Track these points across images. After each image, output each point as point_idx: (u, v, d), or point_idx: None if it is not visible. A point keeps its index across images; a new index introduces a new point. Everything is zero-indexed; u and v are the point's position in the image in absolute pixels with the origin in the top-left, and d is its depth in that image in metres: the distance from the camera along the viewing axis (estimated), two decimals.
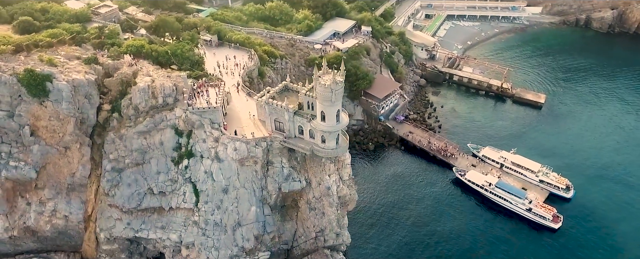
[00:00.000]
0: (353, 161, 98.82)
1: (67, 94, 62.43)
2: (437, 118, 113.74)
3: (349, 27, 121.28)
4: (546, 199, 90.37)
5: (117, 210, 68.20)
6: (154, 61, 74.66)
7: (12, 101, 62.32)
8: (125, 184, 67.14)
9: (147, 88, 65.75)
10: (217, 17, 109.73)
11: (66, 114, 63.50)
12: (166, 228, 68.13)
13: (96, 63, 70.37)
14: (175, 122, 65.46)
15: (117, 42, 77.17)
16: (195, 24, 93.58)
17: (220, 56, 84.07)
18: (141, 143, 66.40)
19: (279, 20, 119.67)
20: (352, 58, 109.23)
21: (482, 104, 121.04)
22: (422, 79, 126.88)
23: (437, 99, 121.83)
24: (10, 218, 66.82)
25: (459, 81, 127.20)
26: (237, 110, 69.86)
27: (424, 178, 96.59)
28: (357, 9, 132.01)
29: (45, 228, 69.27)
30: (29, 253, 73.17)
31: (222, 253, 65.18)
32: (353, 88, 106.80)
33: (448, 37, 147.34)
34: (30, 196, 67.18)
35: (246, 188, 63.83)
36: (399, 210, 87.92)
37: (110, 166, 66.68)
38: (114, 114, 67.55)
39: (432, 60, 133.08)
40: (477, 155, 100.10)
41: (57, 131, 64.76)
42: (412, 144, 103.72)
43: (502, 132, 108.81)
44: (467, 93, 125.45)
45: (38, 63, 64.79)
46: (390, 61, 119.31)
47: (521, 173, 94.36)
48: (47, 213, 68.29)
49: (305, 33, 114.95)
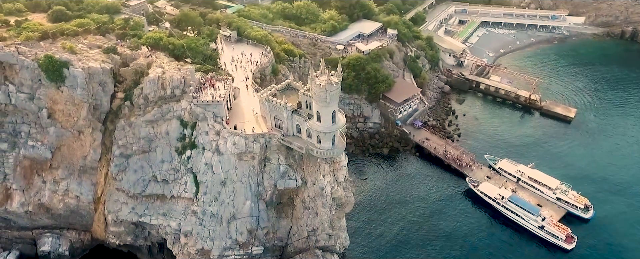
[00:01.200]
0: (365, 164, 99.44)
1: (81, 81, 65.89)
2: (457, 127, 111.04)
3: (374, 29, 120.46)
4: (562, 218, 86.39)
5: (124, 194, 71.20)
6: (170, 54, 77.31)
7: (33, 84, 66.47)
8: (131, 170, 70.00)
9: (157, 79, 68.28)
10: (244, 13, 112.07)
11: (80, 100, 67.06)
12: (167, 215, 70.44)
13: (115, 53, 73.74)
14: (181, 113, 67.58)
15: (139, 33, 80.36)
16: (217, 20, 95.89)
17: (237, 52, 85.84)
18: (148, 132, 69.02)
19: (305, 19, 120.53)
20: (373, 60, 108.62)
21: (507, 115, 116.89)
22: (446, 86, 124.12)
23: (460, 107, 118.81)
24: (27, 194, 71.18)
25: (485, 90, 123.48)
26: (243, 106, 71.15)
27: (436, 187, 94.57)
28: (386, 11, 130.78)
29: (58, 206, 73.36)
30: (44, 228, 77.78)
31: (217, 243, 66.71)
32: (372, 91, 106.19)
33: (480, 44, 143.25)
34: (46, 175, 71.36)
35: (243, 183, 65.03)
36: (406, 217, 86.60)
37: (119, 152, 69.70)
38: (126, 102, 70.57)
39: (459, 67, 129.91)
40: (493, 167, 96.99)
41: (72, 116, 68.49)
42: (427, 151, 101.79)
43: (524, 145, 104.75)
44: (493, 103, 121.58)
45: (59, 50, 68.69)
46: (414, 65, 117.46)
47: (538, 189, 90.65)
48: (61, 192, 72.27)
49: (329, 33, 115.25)
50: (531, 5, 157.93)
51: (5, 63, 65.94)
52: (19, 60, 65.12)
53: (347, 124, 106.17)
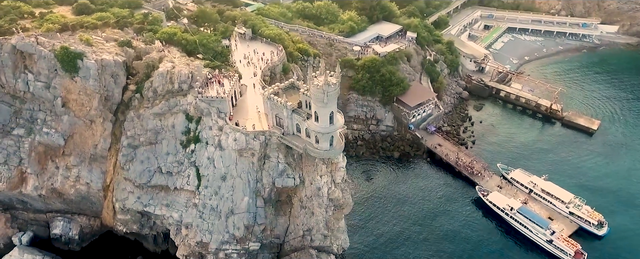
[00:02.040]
0: (375, 166, 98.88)
1: (94, 72, 68.38)
2: (472, 134, 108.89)
3: (393, 32, 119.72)
4: (573, 233, 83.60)
5: (130, 183, 73.43)
6: (183, 49, 79.15)
7: (49, 74, 69.45)
8: (138, 160, 72.11)
9: (166, 73, 70.08)
10: (263, 12, 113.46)
11: (92, 90, 69.62)
12: (170, 206, 72.20)
13: (129, 47, 76.09)
14: (187, 108, 69.11)
15: (155, 28, 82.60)
16: (234, 17, 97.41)
17: (250, 49, 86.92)
18: (156, 124, 70.93)
19: (324, 20, 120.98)
20: (389, 63, 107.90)
21: (526, 124, 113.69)
22: (465, 91, 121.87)
23: (478, 114, 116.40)
24: (40, 178, 74.41)
25: (505, 97, 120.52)
26: (248, 103, 72.12)
27: (444, 194, 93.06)
28: (407, 14, 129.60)
29: (69, 192, 76.31)
30: (57, 212, 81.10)
31: (215, 237, 67.90)
32: (386, 94, 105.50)
33: (504, 51, 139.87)
34: (59, 161, 74.39)
35: (242, 178, 65.92)
36: (411, 223, 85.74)
37: (127, 143, 71.93)
38: (137, 94, 72.68)
39: (480, 73, 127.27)
40: (505, 176, 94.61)
41: (85, 105, 71.17)
42: (438, 157, 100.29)
43: (541, 156, 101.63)
44: (513, 111, 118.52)
45: (76, 42, 71.47)
46: (432, 70, 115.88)
47: (550, 202, 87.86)
48: (72, 178, 75.15)
49: (347, 34, 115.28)
50: (562, 12, 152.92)
51: (26, 52, 69.14)
52: (37, 50, 68.17)
53: (359, 126, 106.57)
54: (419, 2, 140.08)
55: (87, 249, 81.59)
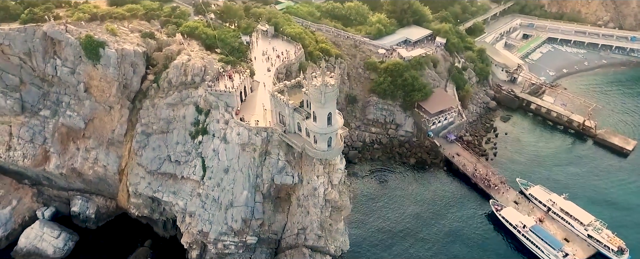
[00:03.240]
0: (389, 171, 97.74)
1: (114, 61, 71.86)
2: (495, 145, 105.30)
3: (422, 36, 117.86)
4: (590, 258, 79.07)
5: (142, 169, 76.60)
6: (203, 43, 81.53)
7: (75, 60, 73.64)
8: (150, 148, 75.12)
9: (181, 65, 72.56)
10: (292, 10, 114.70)
11: (112, 78, 73.19)
12: (177, 194, 74.70)
13: (152, 38, 79.31)
14: (197, 100, 71.27)
15: (179, 22, 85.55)
16: (260, 14, 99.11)
17: (269, 46, 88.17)
18: (168, 114, 73.62)
19: (353, 21, 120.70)
20: (413, 68, 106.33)
21: (555, 140, 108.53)
22: (493, 101, 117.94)
23: (504, 125, 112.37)
24: (62, 158, 79.04)
25: (535, 110, 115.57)
26: (257, 99, 73.32)
27: (457, 206, 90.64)
28: (440, 19, 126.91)
29: (88, 172, 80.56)
30: (77, 191, 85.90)
31: (214, 227, 69.66)
32: (407, 98, 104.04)
33: (541, 62, 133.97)
34: (79, 143, 78.74)
35: (243, 173, 67.24)
36: (418, 230, 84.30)
37: (141, 130, 75.08)
38: (154, 84, 75.69)
39: (511, 83, 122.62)
40: (524, 192, 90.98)
41: (105, 92, 74.95)
42: (456, 167, 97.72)
43: (566, 174, 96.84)
44: (543, 125, 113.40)
45: (102, 32, 75.34)
46: (459, 77, 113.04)
47: (568, 222, 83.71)
48: (91, 160, 79.33)
49: (374, 36, 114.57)
50: (609, 24, 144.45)
51: (55, 39, 73.63)
52: (64, 38, 72.49)
53: (378, 129, 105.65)
54: (455, 8, 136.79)
55: (102, 229, 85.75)
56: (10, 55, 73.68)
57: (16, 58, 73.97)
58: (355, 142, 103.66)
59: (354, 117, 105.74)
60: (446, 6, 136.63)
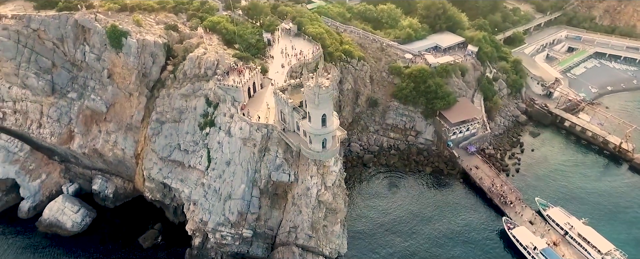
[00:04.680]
0: (402, 178, 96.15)
1: (134, 50, 75.61)
2: (518, 161, 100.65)
3: (453, 43, 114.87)
4: None
5: (155, 155, 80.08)
6: (223, 38, 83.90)
7: (101, 47, 78.18)
8: (163, 135, 78.41)
9: (196, 58, 75.15)
10: (322, 10, 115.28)
11: (132, 66, 76.98)
12: (184, 182, 77.49)
13: (175, 30, 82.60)
14: (208, 92, 73.55)
15: (205, 16, 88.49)
16: (286, 12, 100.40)
17: (289, 45, 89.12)
18: (181, 104, 76.50)
19: (384, 24, 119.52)
20: (439, 75, 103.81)
21: (586, 161, 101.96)
22: (523, 115, 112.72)
23: (531, 141, 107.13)
24: (85, 138, 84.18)
25: (569, 128, 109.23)
26: (266, 96, 74.53)
27: (468, 221, 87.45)
28: (477, 26, 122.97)
29: (108, 154, 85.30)
30: (99, 171, 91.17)
31: (213, 217, 71.65)
32: (429, 106, 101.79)
33: (584, 77, 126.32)
34: (101, 126, 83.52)
35: (242, 166, 68.69)
36: (423, 241, 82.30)
37: (156, 118, 78.48)
38: (171, 75, 78.88)
39: (546, 98, 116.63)
40: (541, 212, 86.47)
41: (126, 79, 79.03)
42: (473, 180, 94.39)
43: (593, 198, 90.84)
44: (575, 144, 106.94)
45: (128, 22, 79.43)
46: (488, 88, 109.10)
47: (585, 249, 78.66)
48: (111, 142, 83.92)
49: (403, 41, 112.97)
50: None
51: (85, 27, 78.50)
52: (93, 26, 77.13)
53: (397, 135, 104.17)
54: (495, 16, 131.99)
55: (119, 208, 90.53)
56: (45, 39, 79.33)
57: (50, 43, 79.54)
58: (372, 146, 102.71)
59: (374, 120, 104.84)
60: (486, 14, 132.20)
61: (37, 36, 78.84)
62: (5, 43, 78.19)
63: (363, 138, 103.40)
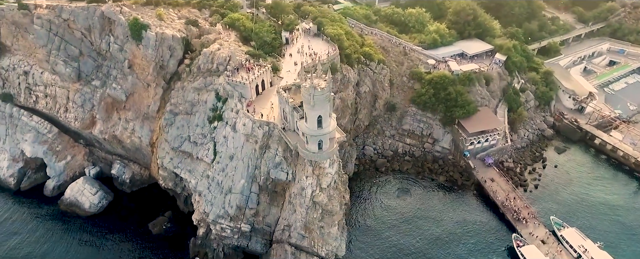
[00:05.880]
0: (413, 185, 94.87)
1: (152, 43, 78.46)
2: (539, 177, 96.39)
3: (480, 51, 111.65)
4: None
5: (168, 145, 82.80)
6: (240, 35, 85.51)
7: (123, 39, 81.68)
8: (175, 126, 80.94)
9: (210, 53, 77.06)
10: (348, 11, 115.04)
11: (150, 58, 79.92)
12: (191, 173, 79.72)
13: (195, 26, 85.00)
14: (218, 87, 75.24)
15: (226, 12, 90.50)
16: (309, 12, 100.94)
17: (306, 44, 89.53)
18: (193, 97, 78.68)
19: (411, 28, 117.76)
20: (461, 82, 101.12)
21: (615, 182, 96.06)
22: (550, 129, 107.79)
23: (556, 157, 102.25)
24: (105, 124, 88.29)
25: (599, 146, 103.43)
26: (274, 94, 75.25)
27: (477, 232, 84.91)
28: (509, 35, 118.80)
29: (126, 141, 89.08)
30: (119, 156, 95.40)
31: (214, 209, 73.35)
32: (448, 113, 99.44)
33: (624, 93, 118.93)
34: (121, 113, 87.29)
35: (243, 162, 69.87)
36: (426, 251, 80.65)
37: (169, 109, 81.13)
38: (187, 68, 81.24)
39: (577, 113, 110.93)
40: (556, 232, 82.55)
41: (144, 70, 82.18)
42: (486, 193, 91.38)
43: (614, 223, 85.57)
44: (605, 163, 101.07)
45: (151, 16, 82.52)
46: (513, 98, 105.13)
47: None
48: (129, 130, 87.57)
49: (428, 46, 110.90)
50: None
51: (111, 19, 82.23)
52: (117, 18, 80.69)
53: (413, 141, 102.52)
54: (531, 25, 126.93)
55: (134, 194, 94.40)
56: (75, 29, 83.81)
57: (79, 32, 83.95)
58: (386, 151, 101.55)
59: (390, 125, 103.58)
60: (522, 22, 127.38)
61: (67, 25, 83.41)
62: (39, 31, 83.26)
63: (378, 142, 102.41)
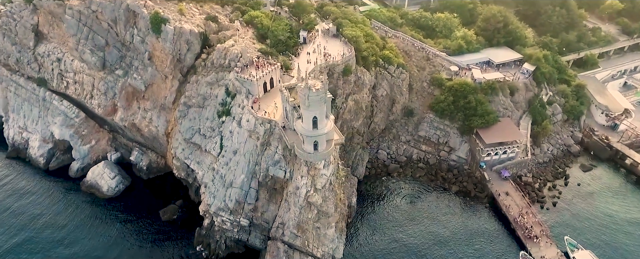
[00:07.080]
0: (424, 193, 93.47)
1: (170, 36, 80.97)
2: (559, 194, 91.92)
3: (507, 60, 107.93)
4: None
5: (181, 136, 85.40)
6: (258, 32, 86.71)
7: (145, 31, 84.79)
8: (188, 118, 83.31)
9: (223, 49, 78.69)
10: (373, 14, 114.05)
11: (168, 51, 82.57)
12: (200, 164, 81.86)
13: (214, 21, 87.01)
14: (228, 83, 76.70)
15: (247, 10, 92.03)
16: (330, 12, 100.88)
17: (322, 44, 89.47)
18: (206, 91, 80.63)
19: (438, 33, 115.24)
20: (483, 91, 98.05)
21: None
22: (576, 145, 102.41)
23: (581, 175, 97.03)
24: (126, 113, 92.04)
25: (629, 166, 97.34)
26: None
27: (484, 247, 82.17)
28: (541, 44, 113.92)
29: (144, 130, 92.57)
30: (137, 143, 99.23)
31: (215, 202, 74.96)
32: (466, 122, 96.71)
33: None
34: (140, 103, 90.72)
35: (245, 157, 70.90)
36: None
37: (183, 101, 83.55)
38: (203, 63, 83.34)
39: (609, 130, 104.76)
40: (569, 253, 78.62)
41: (163, 62, 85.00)
42: (499, 206, 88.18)
43: (635, 249, 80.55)
44: (634, 185, 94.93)
45: (172, 10, 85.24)
46: (539, 111, 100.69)
47: None
48: (147, 119, 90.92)
49: (453, 52, 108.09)
50: None
51: (135, 12, 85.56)
52: (141, 11, 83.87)
53: (428, 148, 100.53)
54: (569, 35, 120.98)
55: (150, 181, 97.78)
56: (102, 20, 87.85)
57: (105, 23, 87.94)
58: (400, 156, 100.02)
59: (406, 130, 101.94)
60: (559, 32, 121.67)
61: (95, 16, 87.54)
62: (70, 21, 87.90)
63: (392, 147, 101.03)
